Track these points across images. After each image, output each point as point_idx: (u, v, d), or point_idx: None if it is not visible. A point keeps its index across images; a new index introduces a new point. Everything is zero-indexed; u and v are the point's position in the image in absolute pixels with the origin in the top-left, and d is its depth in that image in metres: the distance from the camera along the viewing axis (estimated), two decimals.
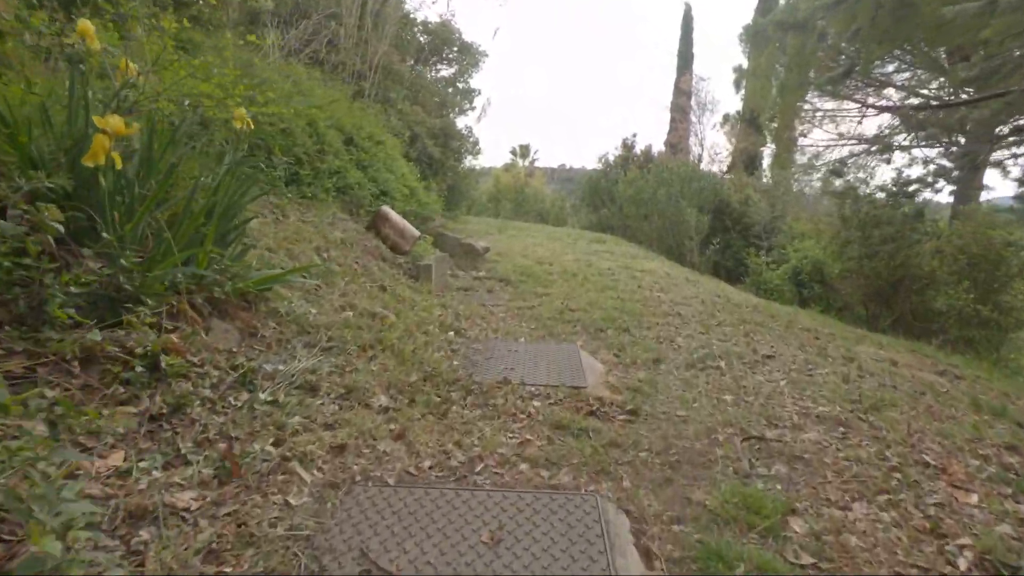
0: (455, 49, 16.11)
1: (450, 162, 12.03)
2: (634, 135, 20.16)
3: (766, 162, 26.62)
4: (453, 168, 15.01)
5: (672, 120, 27.69)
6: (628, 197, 15.58)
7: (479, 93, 16.76)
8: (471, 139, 16.26)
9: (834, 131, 20.10)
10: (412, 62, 13.64)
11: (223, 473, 1.90)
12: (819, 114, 21.08)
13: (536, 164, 59.09)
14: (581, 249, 10.48)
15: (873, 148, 20.53)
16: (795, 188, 20.93)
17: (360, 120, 6.63)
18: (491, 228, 13.57)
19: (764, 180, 22.89)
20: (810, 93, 20.49)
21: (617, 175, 18.65)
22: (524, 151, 58.33)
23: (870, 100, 20.35)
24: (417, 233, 5.31)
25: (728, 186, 14.25)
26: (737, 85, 25.52)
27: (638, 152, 19.89)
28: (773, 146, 25.49)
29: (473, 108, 16.87)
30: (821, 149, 20.07)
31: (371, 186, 5.82)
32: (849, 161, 21.02)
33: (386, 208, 5.17)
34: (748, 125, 25.46)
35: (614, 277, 7.34)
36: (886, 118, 20.57)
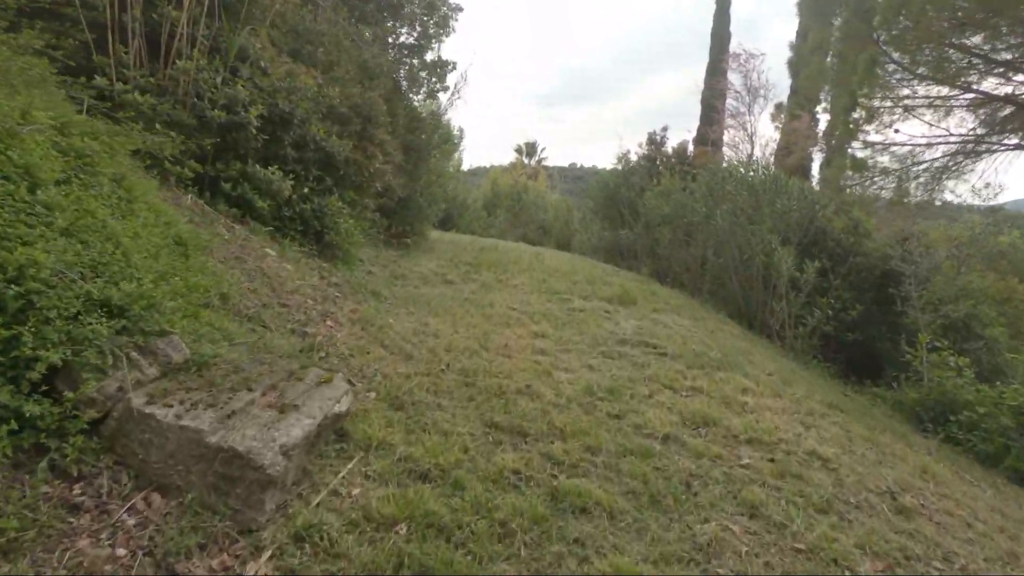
0: (414, 4, 11.25)
1: (378, 164, 7.13)
2: (664, 129, 15.22)
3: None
4: (412, 171, 10.15)
5: (706, 111, 22.58)
6: (662, 216, 10.65)
7: (453, 67, 11.86)
8: (439, 131, 11.43)
9: (939, 124, 15.08)
10: (341, 14, 8.78)
11: None
12: (908, 102, 16.12)
13: (544, 162, 54.15)
14: (596, 331, 5.53)
15: (971, 147, 15.64)
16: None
17: None
18: (454, 267, 8.69)
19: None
20: (899, 74, 15.59)
21: (642, 181, 13.74)
22: (530, 149, 53.53)
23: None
24: None
25: (827, 206, 9.19)
26: (795, 68, 20.34)
27: (669, 151, 14.94)
28: (824, 143, 20.39)
29: (444, 88, 12.02)
30: (921, 147, 15.00)
31: None
32: (937, 166, 16.18)
33: None
34: (799, 118, 20.32)
35: None
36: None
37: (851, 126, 15.74)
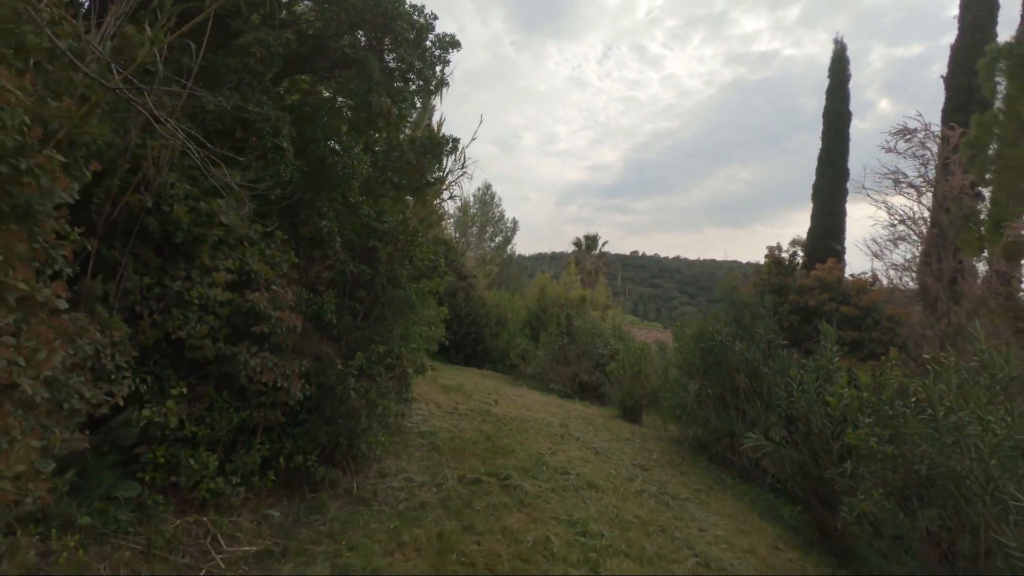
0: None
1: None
2: (795, 246, 9.91)
3: None
4: (353, 332, 5.20)
5: (825, 209, 16.97)
6: (865, 448, 5.03)
7: (452, 145, 7.11)
8: (417, 249, 6.56)
9: None
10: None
11: None
12: None
13: (605, 250, 48.57)
14: None
15: None
16: None
17: None
18: None
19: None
20: None
21: (769, 333, 8.21)
22: (591, 243, 48.41)
23: None
24: None
25: None
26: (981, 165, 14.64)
27: (810, 282, 9.36)
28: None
29: (439, 177, 7.28)
30: None
31: None
32: None
33: None
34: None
35: None
36: None
37: None
